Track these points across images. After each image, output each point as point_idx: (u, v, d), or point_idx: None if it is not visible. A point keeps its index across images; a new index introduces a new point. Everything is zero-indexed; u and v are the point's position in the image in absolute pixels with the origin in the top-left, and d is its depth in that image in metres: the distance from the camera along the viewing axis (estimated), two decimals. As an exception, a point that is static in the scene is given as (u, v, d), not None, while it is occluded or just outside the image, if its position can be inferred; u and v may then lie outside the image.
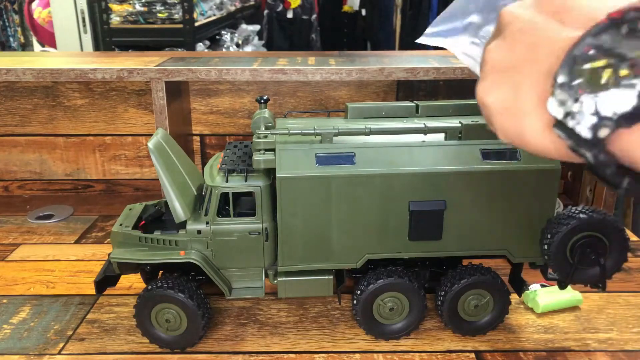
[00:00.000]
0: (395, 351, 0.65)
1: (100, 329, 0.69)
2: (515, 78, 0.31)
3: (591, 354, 0.65)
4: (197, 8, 2.21)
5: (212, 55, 1.12)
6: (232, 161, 0.66)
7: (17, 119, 1.06)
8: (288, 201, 0.61)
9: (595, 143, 0.25)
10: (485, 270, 0.66)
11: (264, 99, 0.67)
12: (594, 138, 0.25)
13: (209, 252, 0.64)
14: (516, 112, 0.31)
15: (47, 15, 2.13)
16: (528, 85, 0.30)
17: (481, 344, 0.66)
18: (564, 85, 0.27)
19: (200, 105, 1.06)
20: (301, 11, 3.10)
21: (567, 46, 0.28)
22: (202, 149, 1.09)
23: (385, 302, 0.65)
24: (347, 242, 0.63)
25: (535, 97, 0.30)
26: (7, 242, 0.91)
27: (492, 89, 0.33)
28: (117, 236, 0.66)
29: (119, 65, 0.93)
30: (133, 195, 1.10)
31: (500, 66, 0.33)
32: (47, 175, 1.10)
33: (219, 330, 0.68)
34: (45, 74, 0.92)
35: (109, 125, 1.07)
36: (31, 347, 0.66)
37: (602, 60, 0.26)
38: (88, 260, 0.85)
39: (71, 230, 0.95)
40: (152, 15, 2.02)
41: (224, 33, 2.48)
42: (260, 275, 0.66)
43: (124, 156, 1.09)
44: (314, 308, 0.73)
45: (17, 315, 0.72)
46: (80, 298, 0.75)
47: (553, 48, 0.29)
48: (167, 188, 0.63)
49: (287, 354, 0.64)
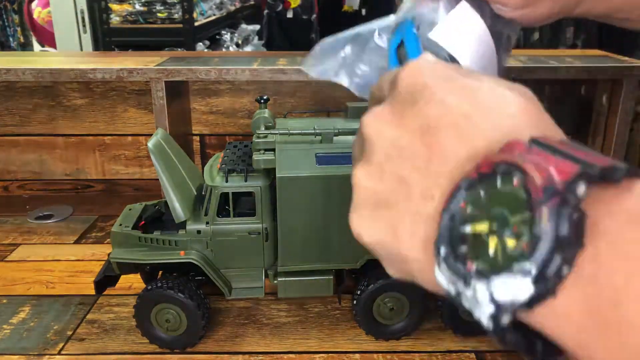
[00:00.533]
0: (395, 351, 0.65)
1: (100, 329, 0.69)
2: (391, 218, 0.28)
3: (591, 354, 0.65)
4: (196, 8, 2.20)
5: (212, 55, 1.12)
6: (232, 161, 0.66)
7: (16, 118, 1.06)
8: (288, 201, 0.60)
9: (498, 331, 0.23)
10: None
11: (264, 98, 0.67)
12: (496, 327, 0.23)
13: (209, 252, 0.64)
14: (400, 258, 0.28)
15: (46, 15, 2.13)
16: (407, 231, 0.27)
17: (481, 344, 0.66)
18: (449, 259, 0.24)
19: (200, 105, 1.06)
20: (301, 11, 3.09)
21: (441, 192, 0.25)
22: (202, 149, 1.09)
23: (386, 302, 0.65)
24: (347, 242, 0.63)
25: (418, 244, 0.27)
26: (6, 242, 0.91)
27: (367, 226, 0.29)
28: (117, 236, 0.65)
29: (119, 65, 0.93)
30: (133, 195, 1.10)
31: (371, 200, 0.29)
32: (46, 175, 1.10)
33: (219, 330, 0.68)
34: (44, 74, 0.91)
35: (109, 125, 1.07)
36: (31, 347, 0.65)
37: (483, 223, 0.23)
38: (88, 261, 0.85)
39: (71, 231, 0.95)
40: (151, 15, 2.02)
41: (223, 33, 2.48)
42: (260, 276, 0.66)
43: (124, 156, 1.09)
44: (314, 308, 0.73)
45: (16, 315, 0.71)
46: (80, 298, 0.75)
47: (425, 187, 0.26)
48: (166, 188, 0.63)
49: (287, 354, 0.64)
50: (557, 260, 0.21)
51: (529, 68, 0.92)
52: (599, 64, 0.95)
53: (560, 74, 0.92)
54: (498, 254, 0.22)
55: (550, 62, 0.95)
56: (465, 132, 0.26)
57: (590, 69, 0.93)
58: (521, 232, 0.22)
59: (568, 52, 1.12)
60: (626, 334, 0.20)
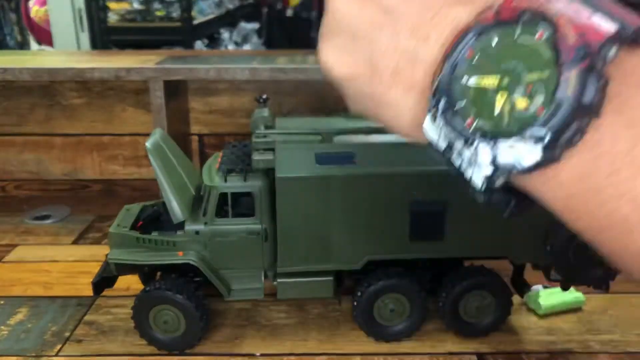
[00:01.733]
0: (396, 353, 0.64)
1: (97, 331, 0.68)
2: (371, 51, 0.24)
3: (594, 355, 0.64)
4: (195, 6, 2.20)
5: (210, 54, 1.11)
6: (231, 161, 0.65)
7: (14, 118, 1.05)
8: (287, 201, 0.60)
9: (486, 191, 0.22)
10: (487, 271, 0.65)
11: (264, 98, 0.67)
12: (487, 188, 0.22)
13: (208, 253, 0.63)
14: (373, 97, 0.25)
15: (44, 13, 2.12)
16: (389, 69, 0.24)
17: (483, 346, 0.65)
18: (447, 112, 0.22)
19: (199, 104, 1.06)
20: (300, 9, 3.09)
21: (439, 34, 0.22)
22: (201, 149, 1.08)
23: (386, 304, 0.65)
24: (347, 242, 0.62)
25: (401, 85, 0.24)
26: (4, 243, 0.90)
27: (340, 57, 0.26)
28: (115, 237, 0.65)
29: (117, 64, 0.92)
30: (131, 196, 1.09)
31: (349, 28, 0.25)
32: (44, 175, 1.09)
33: (218, 331, 0.68)
34: (42, 73, 0.91)
35: (107, 125, 1.06)
36: (28, 348, 0.65)
37: (491, 77, 0.21)
38: (85, 261, 0.85)
39: (68, 231, 0.95)
40: (150, 14, 2.02)
41: (222, 31, 2.47)
42: (259, 277, 0.65)
43: (122, 156, 1.09)
44: (314, 309, 0.72)
45: (14, 316, 0.71)
46: (78, 299, 0.74)
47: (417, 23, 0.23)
48: (165, 188, 0.62)
49: (287, 356, 0.64)
50: (573, 128, 0.19)
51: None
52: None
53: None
54: (504, 113, 0.21)
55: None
56: None
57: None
58: (536, 93, 0.20)
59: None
60: (613, 203, 0.19)
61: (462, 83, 0.22)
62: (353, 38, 0.25)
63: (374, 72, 0.25)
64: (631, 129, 0.19)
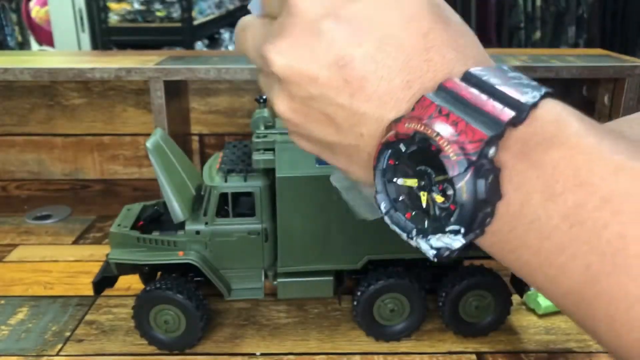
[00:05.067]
0: (396, 353, 0.64)
1: (98, 330, 0.68)
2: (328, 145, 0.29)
3: (593, 355, 0.64)
4: (195, 7, 2.20)
5: (211, 54, 1.12)
6: (231, 161, 0.65)
7: (14, 118, 1.06)
8: (288, 201, 0.60)
9: (442, 259, 0.26)
10: (487, 271, 0.66)
11: (264, 98, 0.67)
12: (439, 258, 0.25)
13: (208, 253, 0.64)
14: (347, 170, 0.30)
15: (44, 13, 2.12)
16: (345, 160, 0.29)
17: (482, 345, 0.65)
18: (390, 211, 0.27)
19: (199, 104, 1.06)
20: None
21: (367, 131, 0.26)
22: (201, 149, 1.09)
23: (386, 303, 0.65)
24: (347, 242, 0.62)
25: (360, 166, 0.29)
26: (4, 243, 0.90)
27: (305, 145, 0.31)
28: (115, 237, 0.65)
29: (117, 64, 0.93)
30: (131, 196, 1.09)
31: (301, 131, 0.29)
32: (45, 175, 1.09)
33: (218, 331, 0.68)
34: (43, 74, 0.91)
35: (107, 125, 1.06)
36: (29, 348, 0.65)
37: (412, 179, 0.26)
38: (86, 261, 0.85)
39: (69, 231, 0.95)
40: (150, 14, 2.02)
41: (223, 32, 2.47)
42: (259, 276, 0.65)
43: (123, 156, 1.09)
44: (314, 309, 0.72)
45: (14, 316, 0.71)
46: (79, 299, 0.75)
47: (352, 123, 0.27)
48: (165, 188, 0.62)
49: (287, 356, 0.64)
50: (481, 216, 0.24)
51: (531, 67, 0.91)
52: (601, 63, 0.94)
53: (562, 74, 0.92)
54: (430, 206, 0.25)
55: (551, 61, 0.94)
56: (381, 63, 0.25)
57: (592, 68, 0.92)
58: (447, 189, 0.24)
59: (570, 52, 1.12)
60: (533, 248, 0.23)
61: (394, 184, 0.26)
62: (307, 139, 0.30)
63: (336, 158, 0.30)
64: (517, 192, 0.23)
